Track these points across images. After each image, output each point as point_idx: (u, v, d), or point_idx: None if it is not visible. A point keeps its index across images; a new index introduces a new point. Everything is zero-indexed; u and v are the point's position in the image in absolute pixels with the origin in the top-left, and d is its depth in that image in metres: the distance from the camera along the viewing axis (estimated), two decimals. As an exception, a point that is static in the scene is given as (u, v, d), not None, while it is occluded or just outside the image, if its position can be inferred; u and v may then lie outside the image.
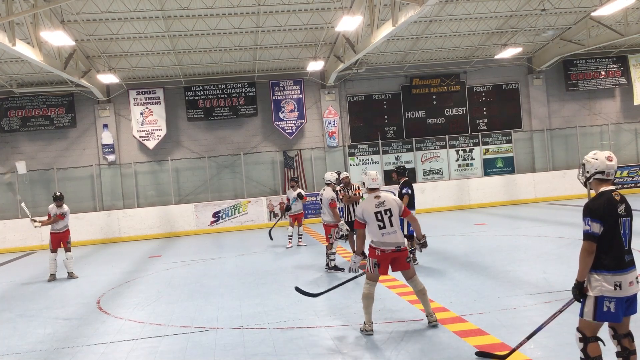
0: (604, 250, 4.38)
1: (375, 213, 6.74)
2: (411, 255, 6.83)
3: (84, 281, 12.27)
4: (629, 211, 4.50)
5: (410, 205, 10.83)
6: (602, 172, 4.50)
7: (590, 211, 4.39)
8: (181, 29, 17.57)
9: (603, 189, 4.51)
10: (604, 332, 4.64)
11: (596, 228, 4.34)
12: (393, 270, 6.84)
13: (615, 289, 4.33)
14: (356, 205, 11.90)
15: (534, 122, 23.25)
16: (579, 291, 4.45)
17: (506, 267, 10.07)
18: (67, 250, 12.66)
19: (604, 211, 4.39)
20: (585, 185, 4.68)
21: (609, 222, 4.37)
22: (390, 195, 6.99)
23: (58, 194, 12.84)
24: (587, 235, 4.36)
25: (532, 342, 6.07)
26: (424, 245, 6.91)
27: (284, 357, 6.16)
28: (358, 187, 12.04)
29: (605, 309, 4.35)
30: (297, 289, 7.60)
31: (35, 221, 12.95)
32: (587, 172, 4.58)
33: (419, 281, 6.78)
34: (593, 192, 4.62)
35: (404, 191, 10.79)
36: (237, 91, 21.61)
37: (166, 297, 9.84)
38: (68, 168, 21.16)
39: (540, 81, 23.28)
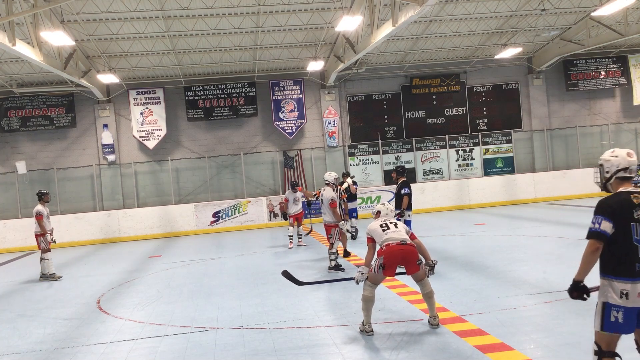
0: (613, 254, 4.01)
1: (381, 224, 6.95)
2: (422, 260, 6.80)
3: (84, 281, 12.26)
4: None
5: (409, 205, 10.85)
6: (625, 169, 4.10)
7: (603, 208, 4.01)
8: (181, 29, 17.57)
9: (622, 189, 4.09)
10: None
11: (606, 227, 3.94)
12: (407, 274, 6.82)
13: (620, 297, 3.95)
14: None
15: (534, 122, 23.25)
16: (575, 290, 4.07)
17: (506, 267, 10.07)
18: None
19: (617, 210, 3.98)
20: (605, 188, 4.23)
21: (620, 224, 3.97)
22: (401, 223, 7.16)
23: (44, 191, 12.84)
24: (592, 234, 3.97)
25: (532, 342, 6.08)
26: (432, 269, 6.86)
27: (284, 357, 6.16)
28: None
29: (612, 319, 3.99)
30: (284, 273, 7.60)
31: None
32: (607, 172, 4.15)
33: (428, 284, 6.76)
34: None
35: (403, 191, 10.79)
36: (237, 91, 21.61)
37: (166, 297, 9.83)
38: (68, 168, 21.16)
39: (540, 81, 23.28)
